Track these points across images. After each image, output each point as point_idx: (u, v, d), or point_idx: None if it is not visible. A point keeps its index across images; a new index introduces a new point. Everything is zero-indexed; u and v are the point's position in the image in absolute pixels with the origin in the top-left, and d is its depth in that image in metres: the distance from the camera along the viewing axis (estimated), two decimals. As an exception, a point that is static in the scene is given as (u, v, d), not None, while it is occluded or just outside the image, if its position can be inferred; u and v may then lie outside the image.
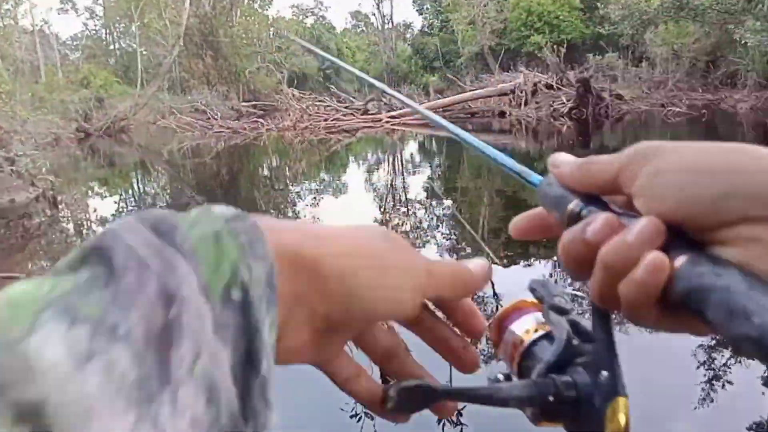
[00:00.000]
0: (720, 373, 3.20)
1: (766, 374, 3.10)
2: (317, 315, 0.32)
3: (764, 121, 15.75)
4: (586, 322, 0.39)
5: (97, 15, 50.24)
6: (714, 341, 3.40)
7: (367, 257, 0.34)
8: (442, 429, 2.75)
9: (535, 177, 0.43)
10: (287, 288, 0.30)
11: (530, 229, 0.42)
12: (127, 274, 0.23)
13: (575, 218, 0.36)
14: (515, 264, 5.55)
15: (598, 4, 27.24)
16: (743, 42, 18.44)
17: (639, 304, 0.32)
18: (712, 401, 2.95)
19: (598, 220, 0.33)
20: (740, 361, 3.26)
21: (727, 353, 3.36)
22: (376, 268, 0.34)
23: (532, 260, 5.51)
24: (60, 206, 9.62)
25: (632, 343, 2.89)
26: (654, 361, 3.24)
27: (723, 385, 3.07)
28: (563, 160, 0.39)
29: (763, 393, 3.08)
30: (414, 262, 0.37)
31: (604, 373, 0.35)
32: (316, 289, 0.32)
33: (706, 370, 3.24)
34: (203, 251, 0.27)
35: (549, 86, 19.62)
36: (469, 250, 6.06)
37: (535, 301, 0.42)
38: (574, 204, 0.37)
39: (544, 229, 0.41)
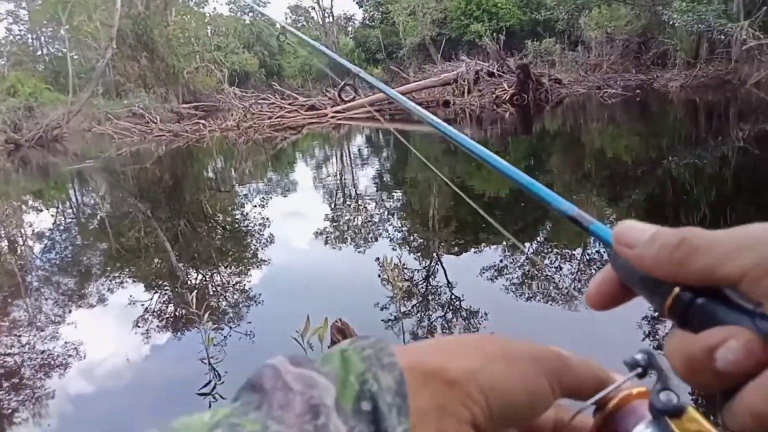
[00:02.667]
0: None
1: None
2: (464, 421, 0.29)
3: (693, 99, 16.49)
4: None
5: (21, 19, 47.77)
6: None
7: (493, 353, 0.31)
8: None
9: (600, 229, 0.35)
10: (428, 401, 0.28)
11: (608, 298, 0.34)
12: (275, 395, 0.26)
13: (683, 310, 0.28)
14: (466, 251, 5.62)
15: (534, -9, 27.86)
16: (671, 23, 19.24)
17: None
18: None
19: (734, 344, 0.26)
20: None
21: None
22: (503, 359, 0.31)
23: (482, 246, 5.58)
24: (-8, 223, 9.12)
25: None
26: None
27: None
28: (637, 236, 0.31)
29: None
30: (543, 349, 0.32)
31: None
32: (452, 395, 0.29)
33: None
34: (330, 367, 0.28)
35: (491, 74, 19.93)
36: (420, 240, 6.10)
37: (644, 389, 0.33)
38: (679, 291, 0.29)
39: (626, 296, 0.34)
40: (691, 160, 8.17)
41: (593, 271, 4.69)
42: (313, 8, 53.35)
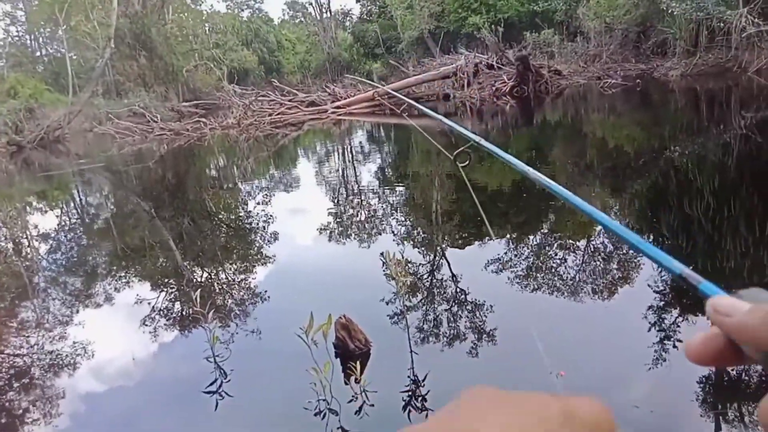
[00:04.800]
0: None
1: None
2: None
3: (694, 88, 16.41)
4: None
5: (18, 20, 47.68)
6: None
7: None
8: (408, 416, 2.77)
9: (710, 288, 0.36)
10: None
11: (708, 355, 0.35)
12: None
13: None
14: (470, 245, 5.63)
15: (532, -18, 27.70)
16: (670, 11, 19.12)
17: None
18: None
19: None
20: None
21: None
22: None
23: (485, 240, 5.59)
24: (-4, 225, 9.15)
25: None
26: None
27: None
28: (733, 308, 0.32)
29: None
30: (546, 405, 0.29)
31: None
32: None
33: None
34: None
35: (490, 66, 19.87)
36: (424, 235, 6.10)
37: None
38: None
39: (727, 357, 0.34)
40: (693, 149, 8.14)
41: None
42: (311, 4, 53.29)
